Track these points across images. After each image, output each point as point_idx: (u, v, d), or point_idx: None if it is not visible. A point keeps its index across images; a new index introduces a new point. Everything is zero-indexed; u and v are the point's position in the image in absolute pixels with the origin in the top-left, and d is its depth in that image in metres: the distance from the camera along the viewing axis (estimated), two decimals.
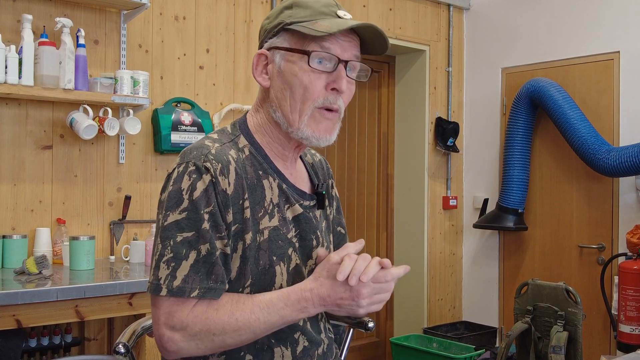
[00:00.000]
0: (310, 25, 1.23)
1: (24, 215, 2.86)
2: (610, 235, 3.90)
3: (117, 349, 1.42)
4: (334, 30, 1.21)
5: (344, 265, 1.18)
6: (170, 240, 1.18)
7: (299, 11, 1.26)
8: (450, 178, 4.59)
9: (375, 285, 1.21)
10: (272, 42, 1.29)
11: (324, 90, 1.26)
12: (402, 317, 4.60)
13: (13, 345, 2.52)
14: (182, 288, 1.16)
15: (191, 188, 1.19)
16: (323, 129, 1.27)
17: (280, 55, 1.27)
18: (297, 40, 1.26)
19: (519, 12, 4.37)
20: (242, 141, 1.31)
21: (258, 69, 1.31)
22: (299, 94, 1.25)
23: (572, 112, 3.83)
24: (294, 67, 1.25)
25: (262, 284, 1.25)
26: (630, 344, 3.44)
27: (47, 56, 2.68)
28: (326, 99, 1.26)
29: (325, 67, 1.25)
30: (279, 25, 1.27)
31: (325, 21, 1.24)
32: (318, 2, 1.28)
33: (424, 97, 4.47)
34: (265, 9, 3.66)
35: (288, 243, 1.29)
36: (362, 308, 1.21)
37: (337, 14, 1.27)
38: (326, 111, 1.27)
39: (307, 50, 1.24)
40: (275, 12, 1.31)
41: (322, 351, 1.35)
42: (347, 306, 1.21)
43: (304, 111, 1.25)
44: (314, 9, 1.26)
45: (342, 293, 1.20)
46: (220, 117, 3.41)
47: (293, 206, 1.32)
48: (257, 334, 1.21)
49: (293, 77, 1.25)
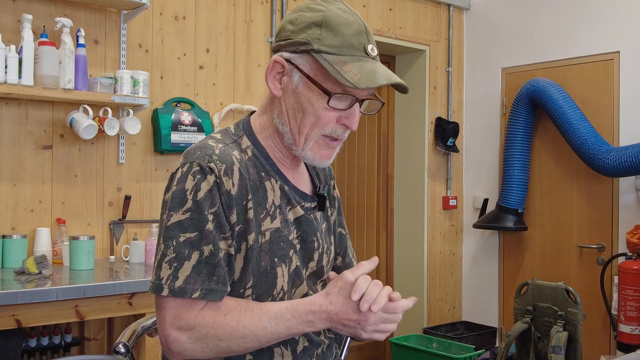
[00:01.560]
0: (339, 65, 1.19)
1: (24, 215, 2.86)
2: (610, 236, 3.90)
3: (117, 349, 1.42)
4: (362, 86, 1.18)
5: (359, 285, 1.20)
6: (173, 240, 1.18)
7: (329, 36, 1.21)
8: (450, 178, 4.59)
9: (384, 315, 1.23)
10: (293, 57, 1.24)
11: (335, 122, 1.26)
12: (402, 317, 4.59)
13: (13, 345, 2.52)
14: (184, 288, 1.16)
15: (195, 188, 1.19)
16: (324, 155, 1.29)
17: (299, 77, 1.24)
18: (320, 70, 1.21)
19: (519, 12, 4.37)
20: (245, 142, 1.30)
21: (272, 74, 1.27)
22: (310, 121, 1.25)
23: (572, 112, 3.83)
24: (312, 97, 1.23)
25: (263, 285, 1.25)
26: (630, 344, 3.44)
27: (47, 56, 2.68)
28: (334, 130, 1.26)
29: (342, 105, 1.24)
30: (304, 45, 1.22)
31: (354, 65, 1.20)
32: (349, 27, 1.22)
33: (424, 97, 4.47)
34: (265, 9, 3.66)
35: (289, 245, 1.29)
36: (366, 333, 1.23)
37: (365, 49, 1.22)
38: (330, 140, 1.28)
39: (329, 92, 1.21)
40: (302, 22, 1.24)
41: (322, 351, 1.35)
42: (352, 327, 1.22)
43: (310, 136, 1.26)
44: (344, 37, 1.21)
45: (350, 314, 1.21)
46: (220, 117, 3.41)
47: (294, 208, 1.32)
48: (262, 343, 1.21)
49: (308, 105, 1.24)
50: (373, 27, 4.14)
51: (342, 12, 1.24)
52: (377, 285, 1.22)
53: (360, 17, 1.26)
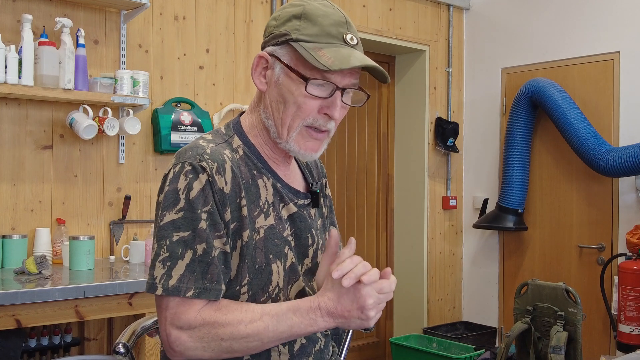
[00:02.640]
0: (314, 51, 1.21)
1: (24, 215, 2.86)
2: (610, 236, 3.90)
3: (117, 349, 1.42)
4: (335, 67, 1.19)
5: (342, 265, 1.17)
6: (167, 239, 1.19)
7: (307, 26, 1.24)
8: (450, 178, 4.59)
9: (381, 295, 1.21)
10: (275, 50, 1.27)
11: (316, 112, 1.26)
12: (402, 317, 4.60)
13: (13, 345, 2.52)
14: (178, 287, 1.16)
15: (188, 188, 1.19)
16: (310, 147, 1.29)
17: (280, 68, 1.26)
18: (299, 59, 1.24)
19: (519, 12, 4.37)
20: (235, 141, 1.32)
21: (257, 70, 1.31)
22: (291, 111, 1.26)
23: (572, 112, 3.83)
24: (291, 85, 1.25)
25: (259, 282, 1.25)
26: (630, 344, 3.44)
27: (47, 56, 2.68)
28: (316, 120, 1.27)
29: (322, 93, 1.25)
30: (284, 36, 1.25)
31: (330, 50, 1.22)
32: (328, 17, 1.25)
33: (424, 97, 4.47)
34: (265, 9, 3.66)
35: (284, 241, 1.30)
36: (371, 319, 1.20)
37: (344, 38, 1.25)
38: (314, 132, 1.28)
39: (306, 77, 1.23)
40: (283, 16, 1.28)
41: (320, 348, 1.35)
42: (355, 318, 1.20)
43: (292, 127, 1.27)
44: (322, 27, 1.24)
45: (348, 305, 1.19)
46: (220, 117, 3.41)
47: (287, 205, 1.33)
48: (264, 343, 1.20)
49: (289, 95, 1.25)
50: (373, 27, 4.14)
51: (323, 5, 1.27)
52: (365, 266, 1.18)
53: (342, 12, 1.30)
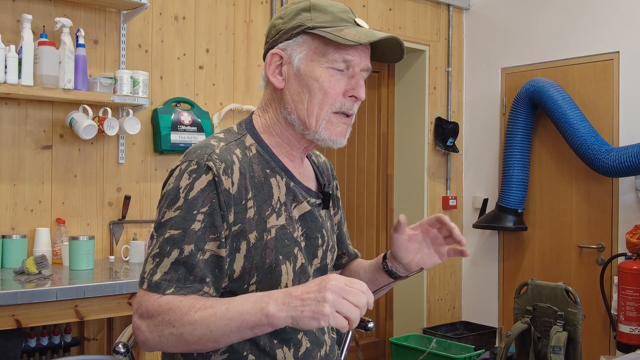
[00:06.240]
0: (337, 32, 1.24)
1: (24, 215, 2.86)
2: (610, 236, 3.90)
3: (117, 348, 1.42)
4: (364, 40, 1.22)
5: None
6: (160, 237, 1.19)
7: (319, 15, 1.26)
8: (449, 178, 4.59)
9: (347, 288, 1.06)
10: (289, 44, 1.28)
11: (342, 96, 1.28)
12: (402, 317, 4.60)
13: (12, 345, 2.52)
14: (159, 284, 1.16)
15: (188, 187, 1.19)
16: (339, 132, 1.30)
17: (299, 59, 1.27)
18: (319, 45, 1.26)
19: (519, 12, 4.37)
20: (248, 140, 1.31)
21: (271, 68, 1.30)
22: (317, 99, 1.26)
23: (572, 112, 3.83)
24: (315, 72, 1.26)
25: (268, 282, 1.24)
26: (630, 344, 3.44)
27: (46, 56, 2.68)
28: (343, 104, 1.28)
29: (346, 73, 1.27)
30: (299, 27, 1.27)
31: (351, 29, 1.25)
32: (335, 7, 1.28)
33: (424, 97, 4.47)
34: (265, 9, 3.66)
35: (294, 242, 1.29)
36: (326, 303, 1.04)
37: (355, 21, 1.29)
38: (342, 116, 1.30)
39: (330, 59, 1.25)
40: (290, 12, 1.29)
41: (325, 353, 1.35)
42: (311, 300, 1.05)
43: (321, 116, 1.27)
44: (333, 14, 1.27)
45: (312, 287, 1.07)
46: (220, 117, 3.41)
47: (300, 204, 1.32)
48: (214, 335, 1.10)
49: (313, 82, 1.26)
50: (373, 27, 4.14)
51: None
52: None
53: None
